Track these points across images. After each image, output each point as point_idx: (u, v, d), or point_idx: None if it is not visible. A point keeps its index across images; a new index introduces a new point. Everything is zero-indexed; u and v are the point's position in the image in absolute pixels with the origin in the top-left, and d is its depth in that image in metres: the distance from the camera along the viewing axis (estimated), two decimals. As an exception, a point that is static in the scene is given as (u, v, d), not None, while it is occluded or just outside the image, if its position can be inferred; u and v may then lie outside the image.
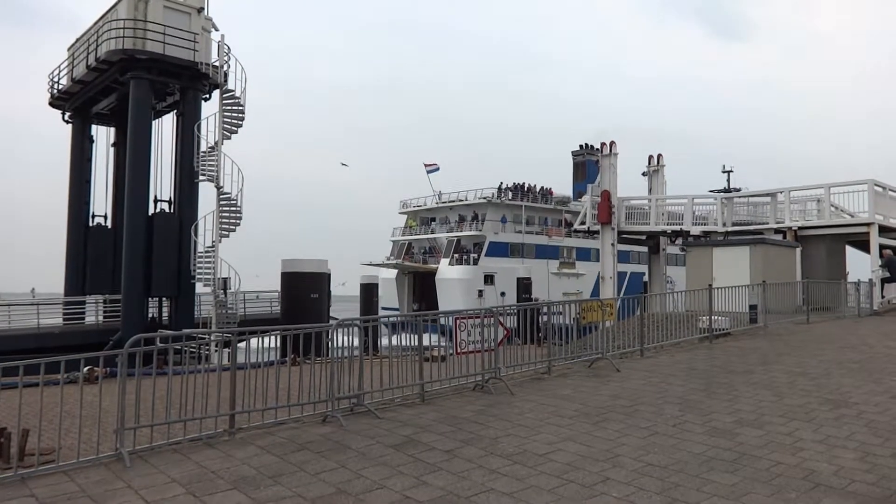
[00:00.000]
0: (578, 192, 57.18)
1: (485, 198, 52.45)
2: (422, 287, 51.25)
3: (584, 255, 53.87)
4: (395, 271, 52.63)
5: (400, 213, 60.20)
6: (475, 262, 48.12)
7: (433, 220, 56.83)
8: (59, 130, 30.08)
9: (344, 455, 6.39)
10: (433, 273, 49.48)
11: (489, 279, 47.26)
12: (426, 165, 57.31)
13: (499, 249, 49.89)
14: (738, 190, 47.00)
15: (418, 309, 46.57)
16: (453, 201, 55.06)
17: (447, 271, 48.23)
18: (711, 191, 51.25)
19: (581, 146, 64.68)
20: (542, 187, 57.78)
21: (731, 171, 61.12)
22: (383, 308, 48.61)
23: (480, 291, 46.23)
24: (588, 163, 58.50)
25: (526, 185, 56.11)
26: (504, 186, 54.18)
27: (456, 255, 48.65)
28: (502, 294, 44.46)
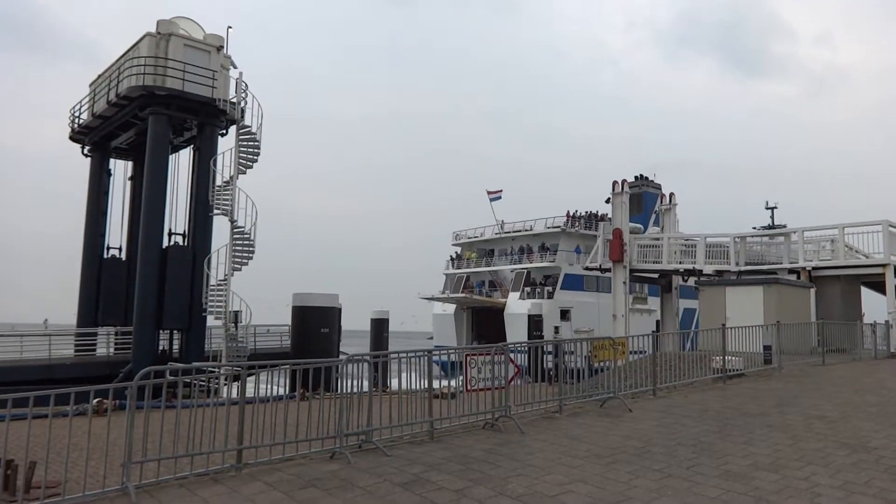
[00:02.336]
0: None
1: (556, 227, 47.96)
2: (482, 322, 47.15)
3: (654, 290, 46.13)
4: (453, 306, 48.81)
5: (453, 244, 56.17)
6: (549, 295, 44.04)
7: (492, 251, 52.39)
8: (76, 162, 30.61)
9: (351, 493, 6.30)
10: (498, 308, 45.32)
11: (565, 315, 43.49)
12: (489, 193, 53.34)
13: (574, 283, 45.10)
14: (784, 226, 45.05)
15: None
16: (518, 231, 50.82)
17: (517, 306, 44.07)
18: (755, 227, 49.83)
19: (636, 177, 57.94)
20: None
21: (776, 208, 55.81)
22: (437, 346, 46.57)
23: (556, 328, 42.22)
24: (645, 195, 54.02)
25: (598, 214, 49.76)
26: (577, 214, 49.63)
27: (527, 289, 44.89)
28: (576, 332, 40.56)
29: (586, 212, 50.99)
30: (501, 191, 53.59)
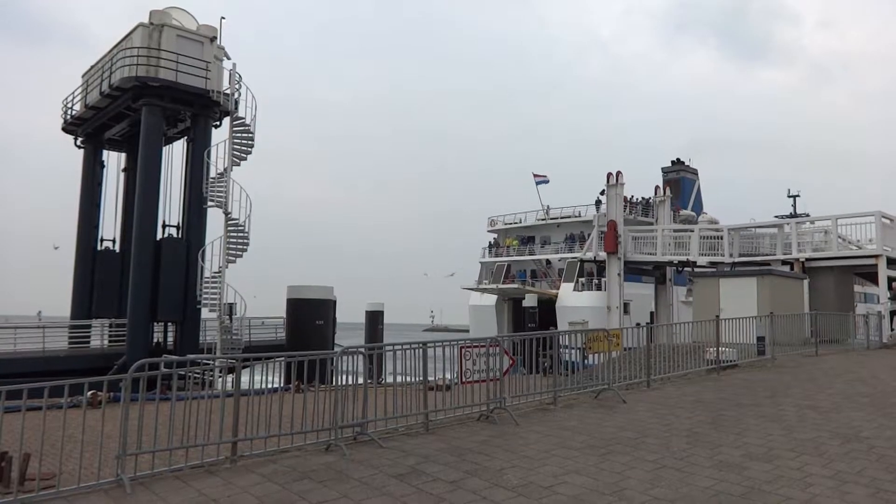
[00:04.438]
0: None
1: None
2: (523, 315, 42.77)
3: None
4: (493, 297, 45.32)
5: (489, 230, 53.02)
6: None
7: (532, 238, 48.92)
8: (69, 153, 30.46)
9: (346, 485, 6.31)
10: (544, 299, 41.72)
11: (624, 308, 38.31)
12: (535, 176, 49.85)
13: (632, 274, 40.29)
14: (808, 215, 42.49)
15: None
16: (566, 217, 46.99)
17: (571, 298, 40.63)
18: (777, 216, 48.59)
19: (672, 161, 56.28)
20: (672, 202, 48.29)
21: (798, 196, 54.34)
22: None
23: None
24: (683, 180, 52.41)
25: (645, 198, 46.06)
26: (634, 200, 44.90)
27: (581, 280, 41.11)
28: (637, 325, 36.67)
29: (641, 198, 46.65)
30: (547, 176, 50.25)
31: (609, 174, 31.89)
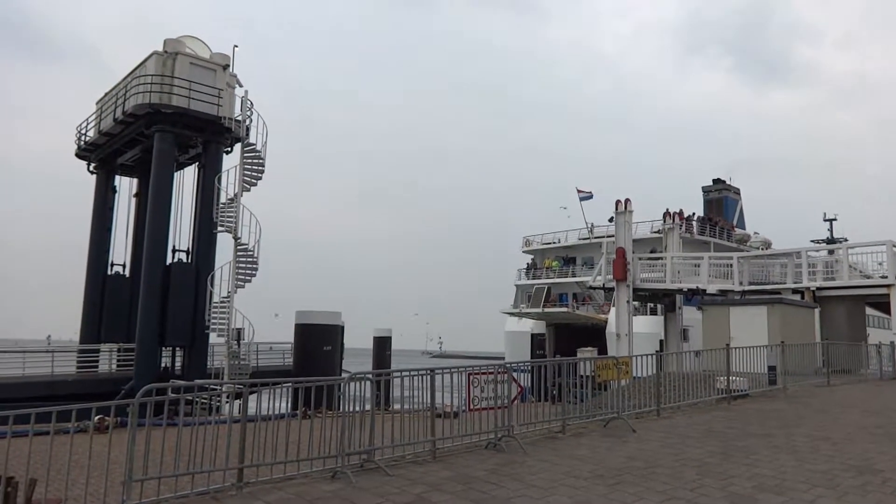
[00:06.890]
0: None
1: (661, 231, 39.06)
2: (562, 340, 39.96)
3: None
4: (531, 323, 43.15)
5: (524, 251, 50.95)
6: (664, 311, 36.32)
7: (573, 259, 46.55)
8: (81, 177, 30.80)
9: (352, 513, 6.25)
10: (590, 325, 39.28)
11: (682, 334, 35.89)
12: (579, 192, 46.23)
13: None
14: (846, 240, 41.64)
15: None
16: (613, 235, 42.66)
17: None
18: (813, 240, 47.96)
19: (714, 181, 54.79)
20: (726, 221, 47.58)
21: (835, 219, 52.03)
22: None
23: None
24: (726, 199, 51.56)
25: (703, 216, 44.02)
26: (691, 217, 42.13)
27: (635, 304, 35.93)
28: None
29: (703, 214, 44.65)
30: (591, 192, 46.56)
31: (617, 201, 31.92)
